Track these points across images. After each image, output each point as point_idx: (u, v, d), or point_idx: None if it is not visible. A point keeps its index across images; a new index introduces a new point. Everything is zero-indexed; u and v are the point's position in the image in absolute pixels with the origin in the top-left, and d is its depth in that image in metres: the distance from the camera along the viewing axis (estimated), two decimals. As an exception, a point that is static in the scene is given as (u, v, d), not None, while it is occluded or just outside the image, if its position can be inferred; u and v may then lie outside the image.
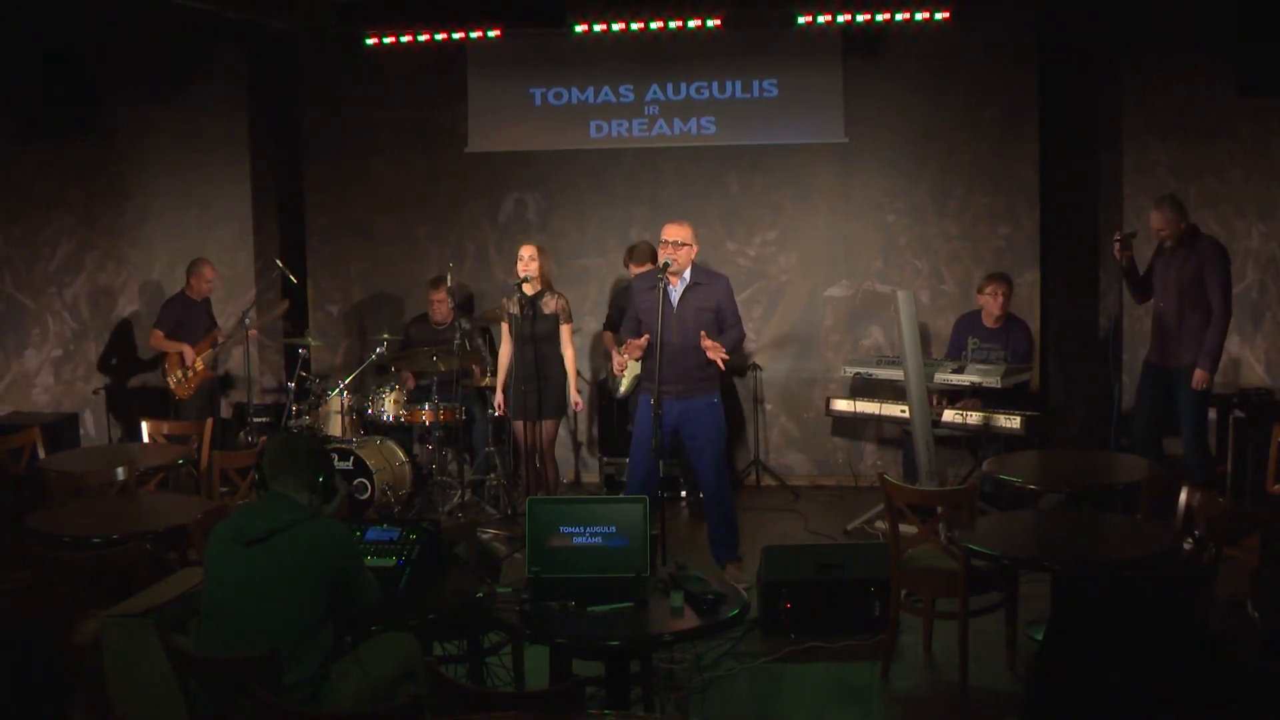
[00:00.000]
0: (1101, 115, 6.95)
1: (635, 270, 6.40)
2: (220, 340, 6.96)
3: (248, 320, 6.81)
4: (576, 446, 7.51)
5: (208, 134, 7.58)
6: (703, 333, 4.98)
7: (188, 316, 6.86)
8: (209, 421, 5.77)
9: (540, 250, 5.89)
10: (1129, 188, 6.84)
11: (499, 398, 6.00)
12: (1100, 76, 6.91)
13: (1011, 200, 7.00)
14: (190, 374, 6.72)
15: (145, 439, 5.85)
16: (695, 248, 5.13)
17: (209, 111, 7.55)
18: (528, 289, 5.80)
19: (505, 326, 5.95)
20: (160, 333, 6.83)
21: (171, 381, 6.76)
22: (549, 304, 5.83)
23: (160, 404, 6.90)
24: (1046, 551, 3.91)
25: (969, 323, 6.47)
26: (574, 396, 5.89)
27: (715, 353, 4.96)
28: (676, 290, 5.07)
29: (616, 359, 5.25)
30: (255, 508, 3.15)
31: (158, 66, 7.24)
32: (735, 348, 5.20)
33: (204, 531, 3.47)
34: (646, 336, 4.97)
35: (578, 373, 6.22)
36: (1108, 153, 6.96)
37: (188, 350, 6.75)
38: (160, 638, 2.85)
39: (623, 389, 6.42)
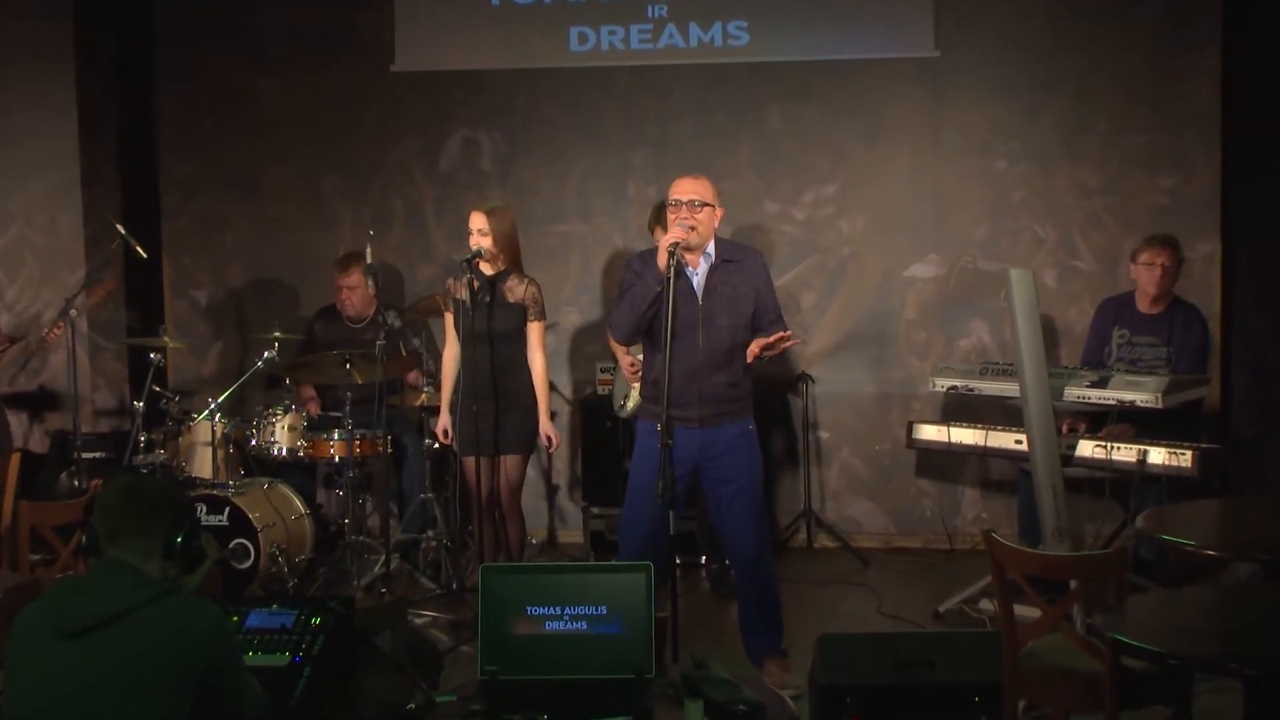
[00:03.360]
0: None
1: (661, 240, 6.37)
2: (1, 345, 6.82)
3: (73, 313, 6.76)
4: (552, 492, 7.47)
5: (14, 42, 7.55)
6: (754, 345, 4.95)
7: None
8: (14, 458, 5.69)
9: (498, 213, 5.81)
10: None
11: (442, 421, 5.95)
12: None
13: (1179, 138, 6.99)
14: None
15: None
16: (720, 210, 5.11)
17: (15, 9, 7.51)
18: (485, 267, 5.76)
19: (449, 320, 5.91)
20: None
21: None
22: (514, 289, 5.78)
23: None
24: (1235, 647, 3.85)
25: (1116, 309, 6.44)
26: (545, 426, 5.83)
27: (768, 345, 4.91)
28: (698, 272, 5.04)
29: (625, 359, 5.16)
30: (83, 583, 3.12)
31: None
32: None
33: (5, 618, 3.42)
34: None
35: (552, 387, 6.18)
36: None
37: None
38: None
39: (630, 405, 6.39)
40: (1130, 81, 7.03)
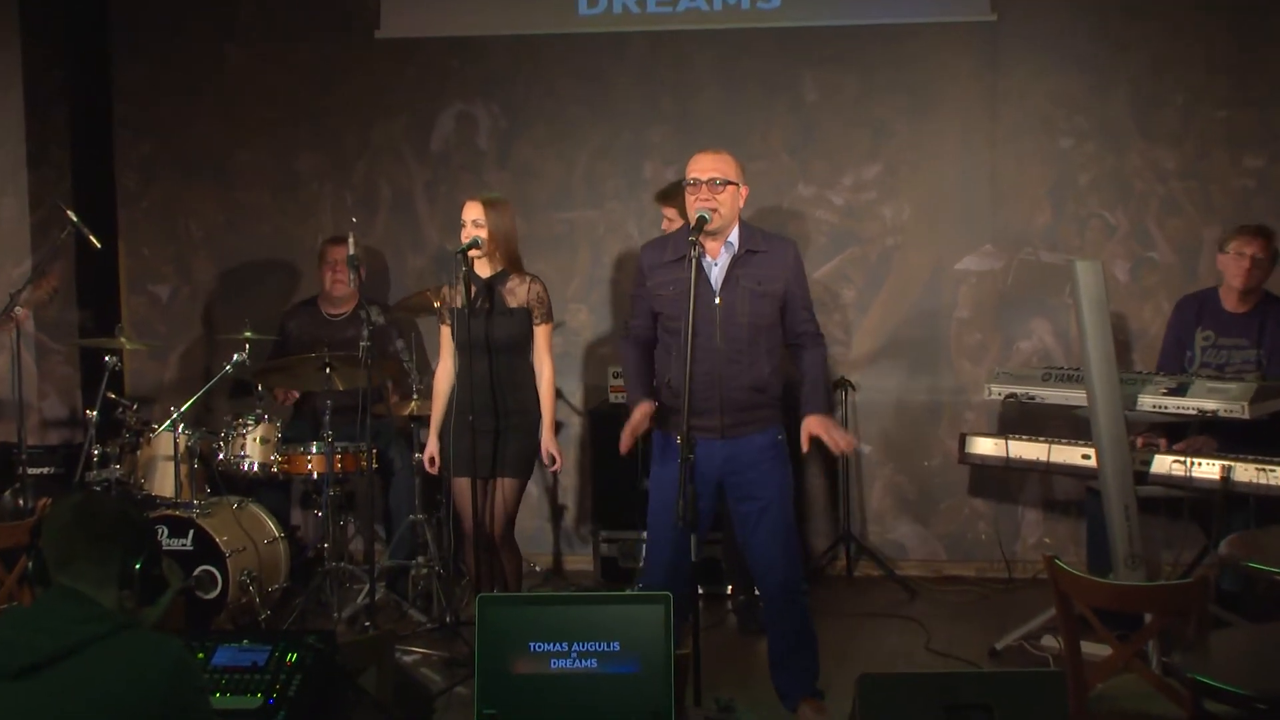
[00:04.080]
0: None
1: (669, 224, 6.36)
2: None
3: (18, 309, 6.78)
4: (558, 513, 7.47)
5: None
6: (814, 424, 5.01)
7: None
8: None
9: (497, 205, 5.79)
10: None
11: (430, 444, 5.92)
12: None
13: (1267, 113, 6.98)
14: None
15: None
16: (745, 189, 5.10)
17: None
18: (480, 268, 5.74)
19: (446, 333, 5.88)
20: None
21: None
22: (515, 292, 5.75)
23: None
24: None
25: (1199, 307, 6.41)
26: (548, 442, 5.78)
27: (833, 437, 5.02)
28: (718, 263, 5.04)
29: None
30: (30, 615, 3.12)
31: None
32: (825, 376, 5.21)
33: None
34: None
35: (558, 395, 6.16)
36: None
37: None
38: None
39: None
40: (1211, 49, 7.01)
